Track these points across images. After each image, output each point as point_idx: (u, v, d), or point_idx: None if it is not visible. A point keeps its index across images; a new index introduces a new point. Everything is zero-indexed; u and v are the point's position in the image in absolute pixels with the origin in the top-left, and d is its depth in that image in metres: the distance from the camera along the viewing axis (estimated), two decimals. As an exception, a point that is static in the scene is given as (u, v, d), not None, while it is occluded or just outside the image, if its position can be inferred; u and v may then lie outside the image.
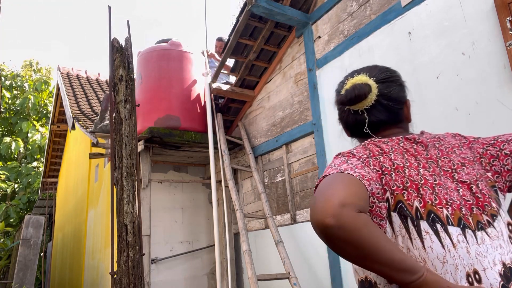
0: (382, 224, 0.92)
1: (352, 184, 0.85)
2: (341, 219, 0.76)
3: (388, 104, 1.08)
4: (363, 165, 0.94)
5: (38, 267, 10.08)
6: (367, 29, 3.21)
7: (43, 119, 15.34)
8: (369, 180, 0.89)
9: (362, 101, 1.07)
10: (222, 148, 4.39)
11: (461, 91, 2.50)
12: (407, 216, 0.91)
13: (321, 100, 3.63)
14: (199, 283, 4.83)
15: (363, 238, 0.76)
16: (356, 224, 0.76)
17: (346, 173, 0.88)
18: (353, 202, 0.79)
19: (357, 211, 0.78)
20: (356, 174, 0.88)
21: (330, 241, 0.79)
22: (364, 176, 0.88)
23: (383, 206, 0.92)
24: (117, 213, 2.64)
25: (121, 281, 2.52)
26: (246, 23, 3.83)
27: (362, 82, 1.07)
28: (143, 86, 4.69)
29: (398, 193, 0.92)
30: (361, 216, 0.78)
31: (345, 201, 0.78)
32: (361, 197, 0.83)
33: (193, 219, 5.06)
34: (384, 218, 0.92)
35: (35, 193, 12.87)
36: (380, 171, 0.95)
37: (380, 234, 0.79)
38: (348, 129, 1.19)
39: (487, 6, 2.38)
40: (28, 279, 6.43)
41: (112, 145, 2.76)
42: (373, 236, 0.77)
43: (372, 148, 1.02)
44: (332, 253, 3.32)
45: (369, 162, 0.97)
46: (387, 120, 1.09)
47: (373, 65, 1.17)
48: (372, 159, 0.98)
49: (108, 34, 3.02)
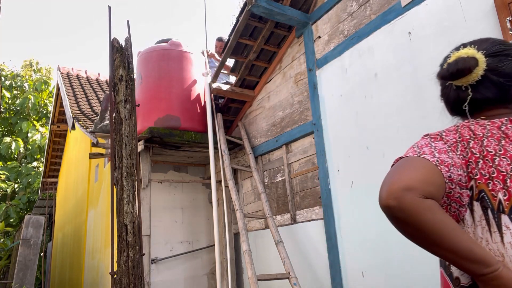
0: (461, 211, 0.90)
1: (424, 169, 0.84)
2: (402, 202, 0.78)
3: (498, 80, 0.99)
4: (449, 150, 0.92)
5: (38, 267, 10.08)
6: (367, 29, 3.21)
7: (43, 119, 15.34)
8: (448, 165, 0.86)
9: (466, 76, 1.00)
10: (222, 148, 4.39)
11: (461, 91, 2.50)
12: (488, 208, 0.87)
13: (321, 100, 3.63)
14: (199, 283, 4.83)
15: (424, 222, 0.78)
16: (417, 208, 0.77)
17: (422, 157, 0.87)
18: (419, 187, 0.80)
19: (421, 196, 0.79)
20: (434, 160, 0.86)
21: (393, 221, 0.82)
22: (443, 162, 0.86)
23: (466, 194, 0.89)
24: (117, 213, 2.64)
25: (121, 281, 2.52)
26: (246, 23, 3.83)
27: (468, 55, 1.00)
28: (143, 86, 4.69)
29: (481, 182, 0.88)
30: (425, 202, 0.78)
31: (410, 185, 0.80)
32: (431, 182, 0.82)
33: (193, 219, 5.06)
34: (464, 206, 0.90)
35: (35, 193, 12.87)
36: (466, 157, 0.91)
37: (446, 221, 0.79)
38: (448, 107, 1.12)
39: (487, 6, 2.38)
40: (28, 279, 6.43)
41: (112, 145, 2.76)
42: (437, 222, 0.78)
43: (463, 132, 0.96)
44: (332, 253, 3.32)
45: (456, 147, 0.93)
46: (495, 98, 1.00)
47: (485, 38, 1.10)
48: (461, 144, 0.93)
49: (108, 34, 3.02)
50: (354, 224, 3.17)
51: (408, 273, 2.73)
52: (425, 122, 2.71)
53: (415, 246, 2.91)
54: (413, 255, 2.70)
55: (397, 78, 2.93)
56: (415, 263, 2.68)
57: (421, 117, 2.74)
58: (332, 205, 3.37)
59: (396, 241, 2.82)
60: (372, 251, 3.00)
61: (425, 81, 2.74)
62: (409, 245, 2.93)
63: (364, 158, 3.13)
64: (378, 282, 2.93)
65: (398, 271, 2.80)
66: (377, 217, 2.98)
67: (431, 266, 2.58)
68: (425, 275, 2.62)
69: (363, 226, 3.09)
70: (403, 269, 2.76)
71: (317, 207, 3.60)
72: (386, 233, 2.90)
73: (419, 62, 2.79)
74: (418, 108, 2.76)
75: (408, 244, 2.97)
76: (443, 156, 0.88)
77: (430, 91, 2.70)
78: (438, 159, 0.87)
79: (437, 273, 2.74)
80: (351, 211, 3.20)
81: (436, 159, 0.87)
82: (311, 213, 3.66)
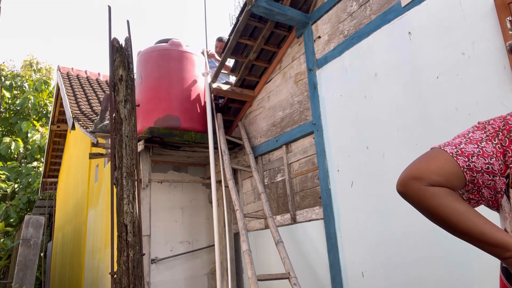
0: (497, 197, 0.96)
1: (438, 160, 0.92)
2: (409, 190, 0.91)
3: None
4: (484, 139, 0.96)
5: (38, 267, 10.08)
6: (367, 29, 3.21)
7: (43, 119, 15.35)
8: (469, 156, 0.92)
9: None
10: (222, 148, 4.38)
11: (461, 91, 2.50)
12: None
13: (321, 100, 3.63)
14: (199, 283, 4.83)
15: (431, 207, 0.88)
16: (422, 195, 0.89)
17: (441, 149, 0.95)
18: (425, 176, 0.90)
19: (427, 185, 0.89)
20: (452, 151, 0.93)
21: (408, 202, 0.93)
22: (464, 153, 0.92)
23: (501, 181, 0.94)
24: (117, 213, 2.64)
25: (121, 281, 2.52)
26: (246, 23, 3.83)
27: None
28: (143, 86, 4.69)
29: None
30: (429, 189, 0.88)
31: (417, 175, 0.90)
32: (441, 173, 0.90)
33: (193, 219, 5.06)
34: (501, 192, 0.95)
35: (35, 193, 12.87)
36: (505, 146, 0.94)
37: (453, 205, 0.87)
38: None
39: (487, 6, 2.38)
40: (28, 279, 6.43)
41: (112, 145, 2.76)
42: (443, 207, 0.87)
43: (510, 119, 0.97)
44: (332, 253, 3.32)
45: (495, 136, 0.96)
46: None
47: None
48: (502, 132, 0.96)
49: (108, 34, 3.02)
50: (354, 224, 3.17)
51: (408, 273, 2.73)
52: (425, 122, 2.71)
53: (415, 246, 2.92)
54: (413, 255, 2.70)
55: (397, 78, 2.93)
56: (415, 263, 2.68)
57: (421, 117, 2.74)
58: (332, 205, 3.37)
59: (396, 241, 2.82)
60: (372, 251, 2.99)
61: (425, 81, 2.74)
62: (409, 245, 2.94)
63: (364, 158, 3.13)
64: (378, 282, 2.93)
65: (398, 271, 2.80)
66: (377, 217, 2.98)
67: (431, 266, 2.58)
68: (425, 275, 2.62)
69: (363, 226, 3.09)
70: (403, 269, 2.76)
71: (317, 207, 3.60)
72: (386, 233, 2.90)
73: (419, 62, 2.79)
74: (418, 108, 2.77)
75: (408, 244, 2.98)
76: (469, 146, 0.94)
77: (430, 91, 2.70)
78: (458, 149, 0.93)
79: (437, 273, 2.75)
80: (351, 211, 3.20)
81: (456, 150, 0.93)
82: (311, 213, 3.66)
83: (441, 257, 2.51)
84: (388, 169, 2.92)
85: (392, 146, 2.91)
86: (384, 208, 2.93)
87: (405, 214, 2.75)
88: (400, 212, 2.79)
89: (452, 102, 2.55)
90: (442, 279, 2.51)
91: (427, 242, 2.60)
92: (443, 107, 2.60)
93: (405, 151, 2.81)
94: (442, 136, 2.57)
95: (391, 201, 2.86)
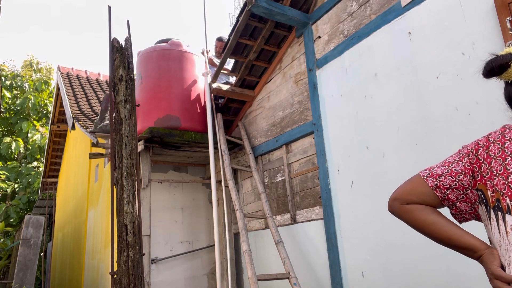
0: (475, 208, 1.09)
1: (412, 183, 1.13)
2: (391, 208, 1.14)
3: None
4: (456, 160, 1.09)
5: (38, 267, 10.08)
6: (367, 29, 3.21)
7: (43, 119, 15.35)
8: (437, 176, 1.09)
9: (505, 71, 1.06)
10: (222, 148, 4.38)
11: (461, 91, 2.50)
12: (484, 204, 1.04)
13: (321, 100, 3.63)
14: (199, 283, 4.83)
15: (408, 221, 1.10)
16: (399, 212, 1.12)
17: (417, 174, 1.13)
18: (401, 197, 1.12)
19: (403, 203, 1.11)
20: (423, 174, 1.11)
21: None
22: (433, 174, 1.10)
23: (475, 194, 1.06)
24: (117, 213, 2.64)
25: (121, 281, 2.52)
26: (246, 23, 3.83)
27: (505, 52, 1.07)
28: (143, 86, 4.69)
29: (480, 183, 1.04)
30: (404, 207, 1.11)
31: (395, 196, 1.13)
32: (413, 192, 1.10)
33: (193, 219, 5.06)
34: (476, 203, 1.08)
35: (35, 193, 12.87)
36: (473, 163, 1.06)
37: (424, 218, 1.07)
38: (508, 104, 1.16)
39: (487, 6, 2.38)
40: (28, 279, 6.43)
41: (112, 145, 2.76)
42: (415, 219, 1.09)
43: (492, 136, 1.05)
44: (332, 253, 3.32)
45: (466, 156, 1.08)
46: None
47: None
48: (472, 152, 1.07)
49: (108, 34, 3.02)
50: (354, 224, 3.17)
51: (408, 273, 2.73)
52: (425, 122, 2.71)
53: (415, 246, 2.92)
54: (412, 255, 2.70)
55: (397, 78, 2.93)
56: (415, 263, 2.68)
57: (421, 117, 2.74)
58: (332, 205, 3.37)
59: (396, 241, 2.82)
60: (372, 251, 2.99)
61: (425, 81, 2.74)
62: (408, 245, 2.94)
63: (364, 158, 3.13)
64: (378, 282, 2.93)
65: (398, 271, 2.80)
66: (377, 217, 2.98)
67: (431, 266, 2.58)
68: (425, 275, 2.62)
69: (363, 226, 3.09)
70: (403, 269, 2.76)
71: (317, 207, 3.60)
72: (386, 233, 2.90)
73: (419, 62, 2.79)
74: (418, 108, 2.76)
75: (408, 244, 2.98)
76: (440, 168, 1.10)
77: (430, 91, 2.70)
78: (429, 172, 1.11)
79: (437, 273, 2.75)
80: (351, 211, 3.20)
81: (427, 173, 1.11)
82: (311, 213, 3.66)
83: (441, 257, 2.51)
84: (388, 169, 2.92)
85: (392, 146, 2.91)
86: (384, 208, 2.92)
87: (405, 214, 2.75)
88: (400, 212, 2.78)
89: (452, 102, 2.55)
90: (442, 279, 2.50)
91: (427, 242, 2.59)
92: (443, 107, 2.60)
93: (405, 151, 2.81)
94: (442, 136, 2.58)
95: (391, 201, 2.86)
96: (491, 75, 1.09)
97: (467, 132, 2.42)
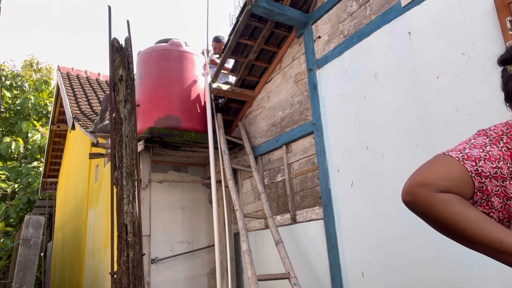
0: (510, 204, 0.88)
1: (444, 165, 0.86)
2: (416, 197, 0.83)
3: None
4: (488, 144, 0.91)
5: (38, 267, 10.08)
6: (367, 29, 3.21)
7: (43, 119, 15.35)
8: (476, 160, 0.86)
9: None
10: (222, 148, 4.38)
11: (461, 91, 2.50)
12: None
13: (321, 100, 3.63)
14: (199, 283, 4.83)
15: (439, 215, 0.80)
16: (430, 202, 0.81)
17: (446, 154, 0.88)
18: (433, 182, 0.82)
19: (435, 191, 0.81)
20: (458, 155, 0.87)
21: (415, 213, 0.85)
22: (470, 157, 0.86)
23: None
24: (117, 213, 2.64)
25: (121, 281, 2.52)
26: (246, 23, 3.82)
27: None
28: (143, 86, 4.69)
29: None
30: (438, 196, 0.81)
31: (424, 181, 0.83)
32: (449, 178, 0.83)
33: (193, 219, 5.06)
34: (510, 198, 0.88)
35: (35, 193, 12.88)
36: (510, 149, 0.90)
37: (465, 213, 0.79)
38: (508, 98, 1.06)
39: (487, 6, 2.38)
40: (28, 279, 6.43)
41: (112, 145, 2.76)
42: (452, 215, 0.79)
43: None
44: (332, 253, 3.32)
45: (499, 139, 0.92)
46: None
47: None
48: (507, 135, 0.92)
49: (108, 34, 3.02)
50: (354, 224, 3.17)
51: (408, 273, 2.73)
52: (425, 122, 2.71)
53: (415, 246, 2.91)
54: (412, 255, 2.70)
55: (397, 78, 2.93)
56: (415, 263, 2.68)
57: (421, 117, 2.74)
58: (332, 205, 3.37)
59: (396, 241, 2.82)
60: (372, 251, 2.99)
61: (425, 81, 2.74)
62: (408, 245, 2.94)
63: (364, 158, 3.13)
64: (378, 282, 2.93)
65: (398, 271, 2.80)
66: (377, 217, 2.98)
67: (431, 266, 2.58)
68: (425, 275, 2.62)
69: (363, 226, 3.09)
70: (403, 269, 2.76)
71: (317, 207, 3.60)
72: (386, 233, 2.90)
73: (419, 62, 2.79)
74: (418, 108, 2.76)
75: (407, 244, 2.97)
76: (474, 151, 0.88)
77: (430, 91, 2.70)
78: (464, 154, 0.87)
79: (437, 273, 2.74)
80: (351, 211, 3.20)
81: (462, 155, 0.87)
82: (311, 213, 3.66)
83: (441, 257, 2.51)
84: (388, 169, 2.92)
85: (392, 146, 2.91)
86: (384, 208, 2.93)
87: (405, 214, 2.75)
88: (400, 212, 2.79)
89: (452, 102, 2.55)
90: (442, 279, 2.50)
91: (427, 241, 2.60)
92: (443, 107, 2.60)
93: (405, 151, 2.81)
94: (442, 136, 2.58)
95: (391, 201, 2.86)
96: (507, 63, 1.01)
97: (467, 132, 2.42)
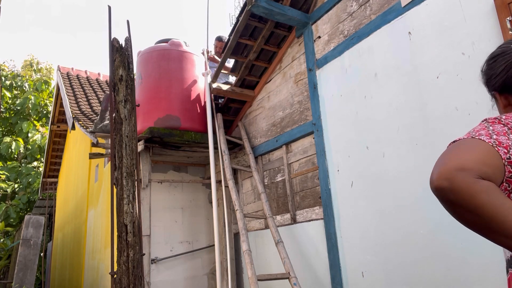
0: None
1: (480, 150, 0.79)
2: (455, 183, 0.73)
3: None
4: (508, 132, 0.86)
5: (38, 267, 10.09)
6: (367, 29, 3.21)
7: (43, 119, 15.35)
8: (507, 147, 0.80)
9: None
10: (222, 148, 4.38)
11: (461, 91, 2.50)
12: None
13: (321, 100, 3.63)
14: (199, 283, 4.83)
15: (479, 204, 0.72)
16: (471, 189, 0.72)
17: (477, 138, 0.82)
18: (474, 167, 0.74)
19: (476, 177, 0.73)
20: (490, 141, 0.81)
21: (446, 205, 0.76)
22: (502, 143, 0.81)
23: None
24: (117, 213, 2.64)
25: (121, 281, 2.52)
26: (246, 23, 3.82)
27: None
28: (143, 86, 4.69)
29: None
30: (480, 182, 0.73)
31: (463, 165, 0.75)
32: (488, 163, 0.77)
33: (193, 219, 5.06)
34: None
35: (35, 193, 12.88)
36: None
37: (507, 204, 0.72)
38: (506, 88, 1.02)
39: (487, 6, 2.38)
40: (28, 279, 6.43)
41: (112, 145, 2.76)
42: (494, 204, 0.71)
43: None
44: (332, 253, 3.32)
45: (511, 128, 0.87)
46: None
47: None
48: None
49: (108, 34, 3.02)
50: (354, 224, 3.17)
51: (408, 273, 2.73)
52: (425, 122, 2.71)
53: (415, 246, 2.90)
54: (412, 255, 2.70)
55: (397, 78, 2.93)
56: (415, 263, 2.68)
57: (421, 117, 2.74)
58: (332, 205, 3.37)
59: (396, 241, 2.82)
60: (372, 251, 2.99)
61: (425, 81, 2.74)
62: (409, 244, 2.93)
63: (364, 158, 3.13)
64: (378, 282, 2.93)
65: (398, 271, 2.80)
66: (377, 217, 2.98)
67: (431, 266, 2.58)
68: (425, 275, 2.62)
69: (363, 226, 3.09)
70: (403, 269, 2.76)
71: (317, 207, 3.60)
72: (386, 233, 2.90)
73: (419, 62, 2.79)
74: (418, 108, 2.76)
75: (408, 243, 2.97)
76: (501, 137, 0.83)
77: (430, 91, 2.70)
78: (495, 140, 0.81)
79: (437, 273, 2.74)
80: (351, 211, 3.20)
81: (493, 141, 0.81)
82: (311, 213, 3.66)
83: (441, 256, 2.51)
84: (388, 169, 2.92)
85: (392, 146, 2.91)
86: (384, 208, 2.93)
87: (405, 214, 2.75)
88: (400, 212, 2.79)
89: (452, 102, 2.55)
90: (442, 279, 2.50)
91: (427, 241, 2.60)
92: (443, 107, 2.60)
93: (405, 151, 2.81)
94: (442, 136, 2.58)
95: (391, 201, 2.86)
96: None
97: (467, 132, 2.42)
